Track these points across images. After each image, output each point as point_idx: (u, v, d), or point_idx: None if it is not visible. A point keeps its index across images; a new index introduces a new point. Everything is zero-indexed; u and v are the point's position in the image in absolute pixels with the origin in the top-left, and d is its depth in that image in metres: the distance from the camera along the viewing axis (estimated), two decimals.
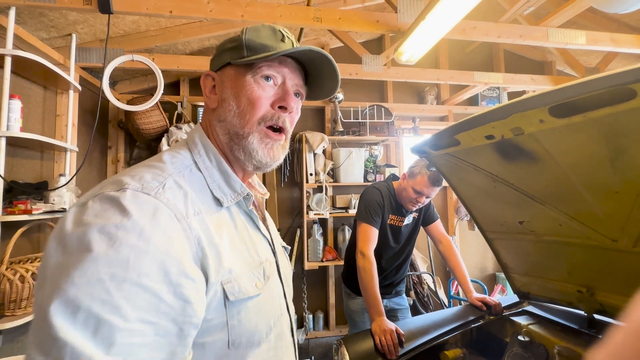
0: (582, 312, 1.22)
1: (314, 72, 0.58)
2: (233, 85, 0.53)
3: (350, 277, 1.76)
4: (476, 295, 1.49)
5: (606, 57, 2.93)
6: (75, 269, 0.35)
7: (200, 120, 0.59)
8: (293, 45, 0.55)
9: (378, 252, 1.67)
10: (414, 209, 1.62)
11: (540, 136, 0.83)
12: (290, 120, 0.56)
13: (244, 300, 0.48)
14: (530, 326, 1.26)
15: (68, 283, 0.34)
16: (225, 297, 0.46)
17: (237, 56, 0.53)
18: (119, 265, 0.36)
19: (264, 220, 0.64)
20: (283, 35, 0.55)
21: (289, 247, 0.74)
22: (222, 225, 0.49)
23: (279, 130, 0.55)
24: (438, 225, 1.80)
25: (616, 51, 2.35)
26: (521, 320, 1.32)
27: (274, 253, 0.61)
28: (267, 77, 0.53)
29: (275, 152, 0.55)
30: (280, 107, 0.54)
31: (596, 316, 1.18)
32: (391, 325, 1.24)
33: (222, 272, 0.45)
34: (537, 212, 1.11)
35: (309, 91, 0.61)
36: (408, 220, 1.73)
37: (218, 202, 0.51)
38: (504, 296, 2.97)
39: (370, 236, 1.56)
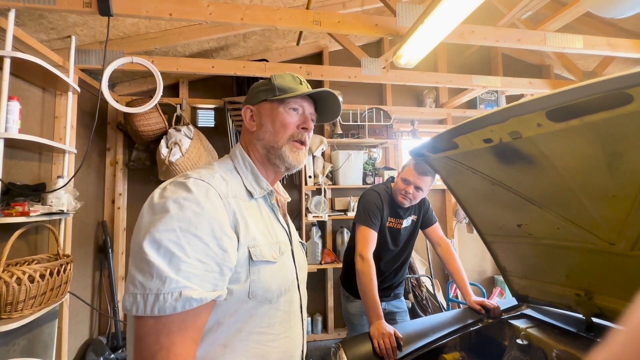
0: (580, 316, 1.22)
1: (323, 103, 0.83)
2: (269, 114, 0.76)
3: (348, 280, 1.76)
4: (475, 298, 1.49)
5: (603, 61, 2.96)
6: (159, 221, 0.55)
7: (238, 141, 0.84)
8: (307, 87, 0.79)
9: (377, 255, 1.67)
10: (406, 203, 1.61)
11: (538, 140, 0.84)
12: (308, 137, 0.79)
13: (263, 263, 0.65)
14: (528, 329, 1.25)
15: (155, 229, 0.54)
16: (250, 257, 0.63)
17: (271, 95, 0.76)
18: (185, 221, 0.56)
19: (284, 217, 0.84)
20: (300, 80, 0.79)
21: (305, 243, 0.92)
22: (251, 209, 0.70)
23: (301, 142, 0.78)
24: (436, 228, 1.80)
25: (613, 55, 2.36)
26: (520, 323, 1.32)
27: (290, 242, 0.79)
28: (293, 109, 0.76)
29: (300, 157, 0.78)
30: (303, 128, 0.77)
31: (594, 320, 1.18)
32: (389, 328, 1.24)
33: (248, 238, 0.64)
34: (535, 216, 1.11)
35: (317, 116, 0.85)
36: (407, 222, 1.73)
37: (250, 195, 0.72)
38: (502, 299, 2.96)
39: (369, 239, 1.56)
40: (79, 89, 2.00)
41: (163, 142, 2.45)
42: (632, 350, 0.24)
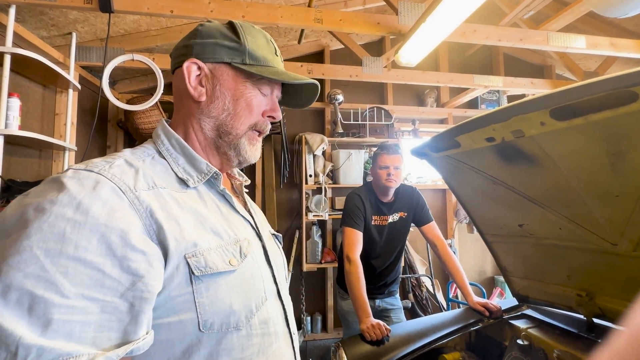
0: (581, 316, 1.22)
1: (294, 87, 0.64)
2: (231, 86, 0.54)
3: (343, 279, 1.78)
4: (477, 299, 1.48)
5: (605, 61, 2.95)
6: (9, 248, 0.34)
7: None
8: (281, 60, 0.60)
9: (367, 253, 1.71)
10: (393, 184, 1.67)
11: (541, 139, 0.83)
12: None
13: (213, 276, 0.46)
14: (529, 330, 1.25)
15: (2, 263, 0.34)
16: (191, 271, 0.44)
17: (239, 60, 0.54)
18: (53, 239, 0.35)
19: (245, 205, 0.64)
20: (275, 48, 0.59)
21: (280, 235, 0.74)
22: (188, 201, 0.49)
23: (261, 133, 0.60)
24: (432, 226, 1.79)
25: (616, 56, 2.35)
26: (520, 323, 1.31)
27: (259, 236, 0.61)
28: (263, 92, 0.57)
29: (258, 151, 0.60)
30: (269, 116, 0.59)
31: (596, 320, 1.17)
32: (377, 320, 1.33)
33: (184, 244, 0.44)
34: (537, 215, 1.11)
35: (282, 98, 0.65)
36: (393, 218, 1.75)
37: (184, 184, 0.51)
38: (502, 299, 2.96)
39: (354, 240, 1.62)
40: (79, 86, 1.99)
41: None
42: (634, 350, 0.24)
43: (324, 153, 3.00)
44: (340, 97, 2.94)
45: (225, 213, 0.55)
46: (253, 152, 0.59)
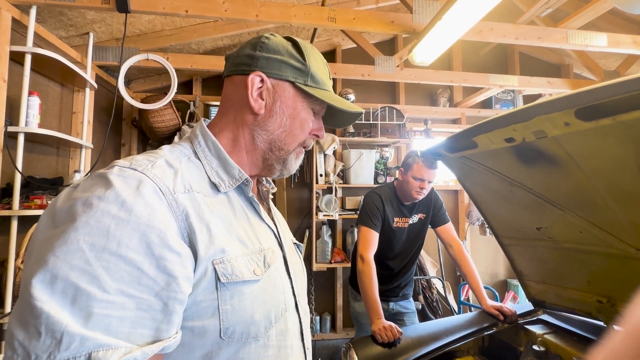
0: (600, 323, 1.18)
1: (335, 110, 0.63)
2: (290, 104, 0.56)
3: (356, 279, 1.76)
4: (491, 302, 1.45)
5: (626, 60, 2.85)
6: (57, 239, 0.36)
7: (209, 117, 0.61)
8: (332, 82, 0.63)
9: (384, 254, 1.68)
10: (420, 197, 1.63)
11: (564, 140, 0.81)
12: None
13: (238, 284, 0.46)
14: (545, 335, 1.22)
15: (49, 253, 0.35)
16: (217, 278, 0.44)
17: (302, 80, 0.55)
18: (98, 234, 0.36)
19: (269, 212, 0.64)
20: (329, 71, 0.62)
21: (302, 244, 0.74)
22: (218, 206, 0.50)
23: (305, 148, 0.63)
24: (449, 228, 1.77)
25: (638, 54, 2.27)
26: (536, 329, 1.28)
27: (281, 246, 0.60)
28: (315, 111, 0.59)
29: (298, 165, 0.62)
30: (314, 134, 0.61)
31: (616, 328, 1.13)
32: (388, 322, 1.30)
33: (212, 250, 0.45)
34: (556, 218, 1.08)
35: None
36: (413, 220, 1.73)
37: (215, 188, 0.52)
38: (516, 303, 2.90)
39: (370, 240, 1.59)
40: (96, 85, 2.03)
41: (176, 139, 2.48)
42: (630, 349, 0.24)
43: (334, 152, 2.99)
44: (352, 97, 2.92)
45: (251, 220, 0.55)
46: (296, 165, 0.61)
